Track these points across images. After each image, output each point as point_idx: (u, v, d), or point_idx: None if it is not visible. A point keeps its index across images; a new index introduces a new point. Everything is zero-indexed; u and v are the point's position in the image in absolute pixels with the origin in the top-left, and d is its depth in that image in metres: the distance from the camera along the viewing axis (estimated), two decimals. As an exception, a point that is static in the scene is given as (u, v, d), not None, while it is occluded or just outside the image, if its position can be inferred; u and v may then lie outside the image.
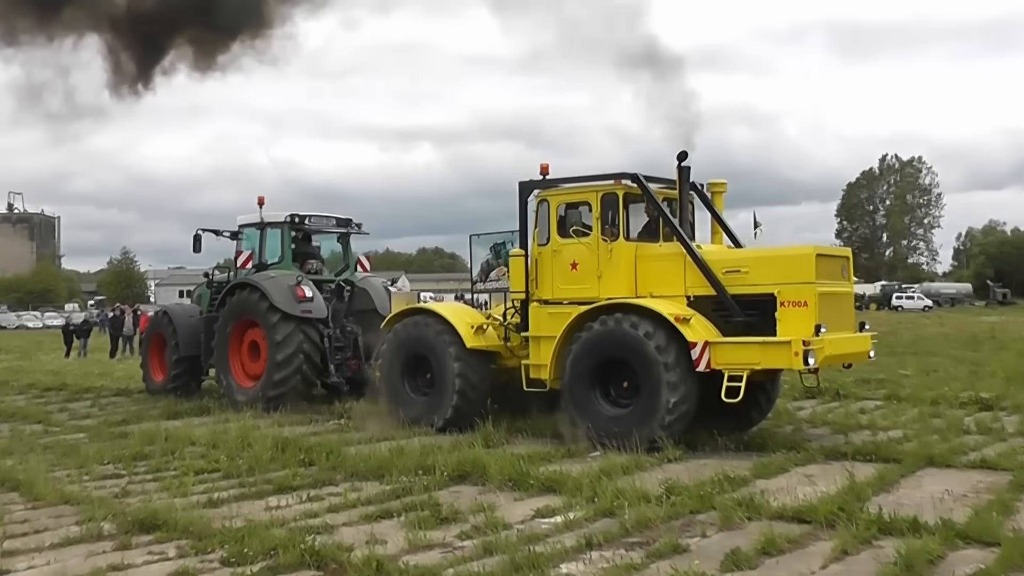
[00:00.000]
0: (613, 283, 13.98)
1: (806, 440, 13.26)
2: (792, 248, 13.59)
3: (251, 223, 20.39)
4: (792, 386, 18.65)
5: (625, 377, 13.38)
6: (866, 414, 15.93)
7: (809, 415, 15.97)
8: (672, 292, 13.72)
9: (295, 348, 18.18)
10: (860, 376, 20.60)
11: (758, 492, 9.86)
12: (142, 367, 22.07)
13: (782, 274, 12.95)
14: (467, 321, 15.52)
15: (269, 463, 12.00)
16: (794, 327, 12.56)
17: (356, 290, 20.05)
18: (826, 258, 13.24)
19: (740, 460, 11.95)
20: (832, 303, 13.00)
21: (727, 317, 13.28)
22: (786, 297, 12.73)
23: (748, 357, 12.69)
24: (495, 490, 10.54)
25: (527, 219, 14.91)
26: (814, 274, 12.75)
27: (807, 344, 12.31)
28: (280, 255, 19.96)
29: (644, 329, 13.05)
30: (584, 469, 11.13)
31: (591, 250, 14.15)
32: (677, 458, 12.17)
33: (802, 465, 11.65)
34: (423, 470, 11.26)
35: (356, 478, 11.22)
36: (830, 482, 10.26)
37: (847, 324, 13.59)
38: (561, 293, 14.47)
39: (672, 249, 13.88)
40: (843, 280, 13.63)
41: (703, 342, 12.85)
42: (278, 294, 18.30)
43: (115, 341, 38.32)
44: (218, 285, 20.65)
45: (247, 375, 19.05)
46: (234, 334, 19.13)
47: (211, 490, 10.57)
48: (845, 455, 12.02)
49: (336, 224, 20.84)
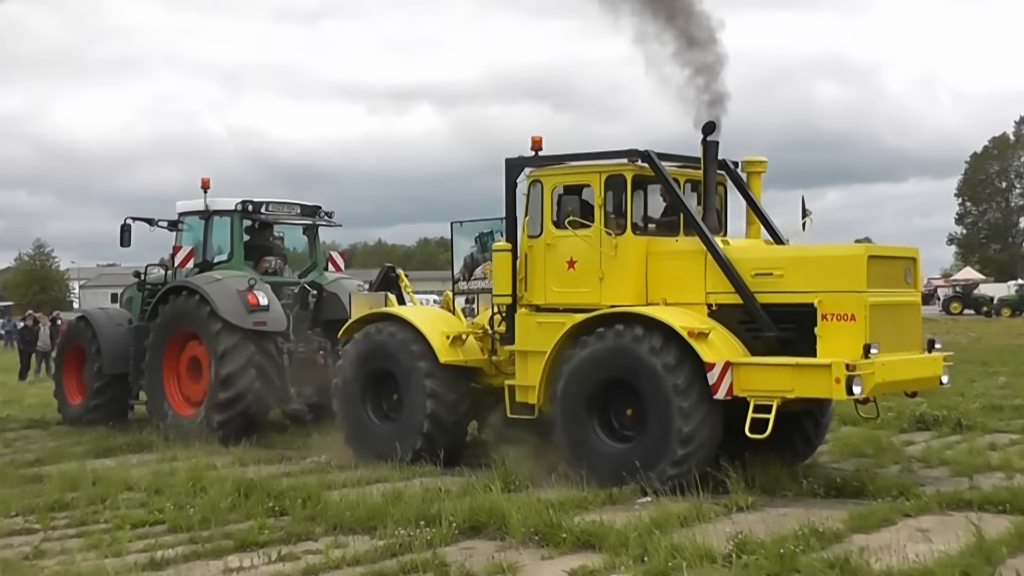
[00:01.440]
0: (618, 286, 14.17)
1: (918, 484, 13.29)
2: (839, 248, 13.76)
3: (193, 211, 20.56)
4: (899, 414, 18.69)
5: (629, 404, 13.57)
6: (998, 451, 15.93)
7: (922, 451, 15.98)
8: (690, 299, 13.92)
9: (244, 362, 18.30)
10: (989, 403, 20.59)
11: (855, 551, 9.89)
12: (55, 389, 22.28)
13: (825, 279, 13.11)
14: (441, 330, 15.77)
15: (229, 512, 12.10)
16: (837, 346, 12.71)
17: (325, 295, 20.20)
18: (882, 260, 13.41)
19: (831, 509, 11.99)
20: (889, 317, 13.14)
21: (757, 332, 13.44)
22: (828, 309, 12.89)
23: (778, 383, 12.83)
24: (517, 546, 10.63)
25: (515, 205, 15.15)
26: (865, 281, 12.89)
27: (852, 368, 12.41)
28: (229, 251, 20.16)
29: (650, 344, 13.22)
30: (630, 519, 11.21)
31: (592, 245, 14.32)
32: (749, 506, 12.24)
33: (913, 516, 11.69)
34: (426, 521, 11.34)
35: (340, 531, 11.33)
36: (950, 538, 10.32)
37: (910, 343, 13.72)
38: (555, 298, 14.67)
39: (690, 245, 14.06)
40: (906, 287, 13.78)
41: (723, 363, 12.98)
42: (223, 301, 18.44)
43: (26, 358, 38.55)
44: (152, 287, 20.79)
45: (186, 400, 19.27)
46: (169, 349, 19.32)
47: (153, 547, 10.70)
48: (970, 504, 12.05)
49: (300, 213, 21.02)
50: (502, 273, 15.07)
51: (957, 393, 22.04)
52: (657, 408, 13.15)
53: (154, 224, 21.31)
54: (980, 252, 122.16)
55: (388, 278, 19.53)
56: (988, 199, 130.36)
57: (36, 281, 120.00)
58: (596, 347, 13.68)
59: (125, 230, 21.09)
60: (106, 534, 11.38)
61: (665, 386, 13.04)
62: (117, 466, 15.82)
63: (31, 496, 13.56)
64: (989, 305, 74.67)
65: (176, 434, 18.37)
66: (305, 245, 21.55)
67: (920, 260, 14.25)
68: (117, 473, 14.91)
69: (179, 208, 20.96)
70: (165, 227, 21.11)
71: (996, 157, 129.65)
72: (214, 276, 19.29)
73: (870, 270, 12.99)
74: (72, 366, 21.91)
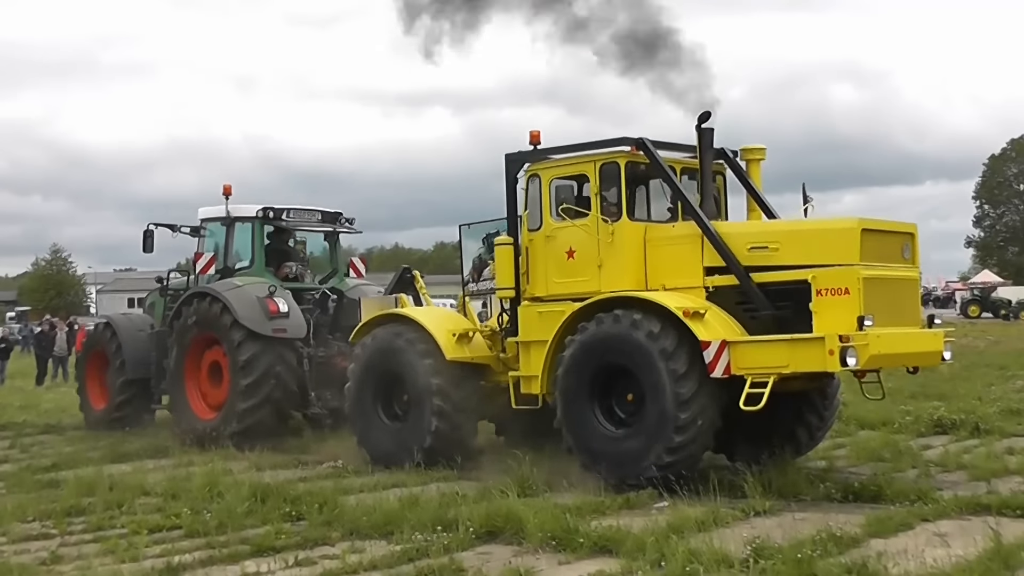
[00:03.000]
0: (616, 273, 14.32)
1: (936, 488, 13.24)
2: (833, 221, 13.86)
3: (215, 217, 20.72)
4: (917, 418, 18.65)
5: (629, 389, 13.69)
6: (1016, 455, 15.86)
7: (939, 456, 15.93)
8: (688, 283, 14.06)
9: (264, 371, 18.43)
10: (1008, 406, 20.52)
11: (873, 556, 9.87)
12: (78, 393, 22.40)
13: (819, 252, 13.27)
14: (448, 328, 15.91)
15: (245, 517, 12.15)
16: (832, 321, 12.79)
17: (345, 301, 20.32)
18: (877, 234, 13.42)
19: (849, 513, 11.96)
20: (885, 291, 13.17)
21: (754, 311, 13.57)
22: (822, 284, 12.97)
23: (774, 359, 12.95)
24: (534, 551, 10.64)
25: (515, 200, 15.30)
26: (858, 254, 12.98)
27: (845, 340, 12.47)
28: (251, 258, 20.29)
29: (647, 328, 13.33)
30: (647, 524, 11.22)
31: (590, 234, 14.50)
32: (767, 510, 12.22)
33: (931, 521, 11.65)
34: (443, 525, 11.37)
35: (357, 536, 11.36)
36: (968, 543, 10.28)
37: (908, 318, 13.74)
38: (556, 288, 14.84)
39: (686, 230, 14.20)
40: (903, 263, 13.79)
41: (719, 342, 13.08)
42: (244, 308, 18.60)
43: (43, 363, 38.73)
44: (174, 292, 20.97)
45: (207, 404, 19.38)
46: (191, 353, 19.47)
47: (169, 552, 10.73)
48: (988, 508, 12.02)
49: (321, 219, 21.15)
50: (504, 267, 15.28)
51: (975, 397, 21.99)
52: (655, 394, 13.28)
53: (176, 230, 21.54)
54: (998, 255, 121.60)
55: (404, 279, 19.58)
56: (1006, 201, 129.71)
57: (52, 286, 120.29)
58: (593, 333, 13.82)
59: (148, 236, 21.31)
60: (123, 539, 11.42)
61: (662, 372, 13.17)
62: (133, 471, 15.89)
63: (48, 501, 13.61)
64: (1007, 308, 74.25)
65: (195, 439, 18.45)
66: (326, 251, 21.64)
67: (918, 236, 14.21)
68: (133, 478, 14.96)
69: (201, 215, 21.13)
70: (187, 233, 21.31)
71: (1014, 159, 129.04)
72: (235, 283, 19.44)
73: (864, 243, 13.07)
74: (95, 371, 22.08)
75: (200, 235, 21.06)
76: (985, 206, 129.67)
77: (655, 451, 13.19)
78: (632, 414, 13.78)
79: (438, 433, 15.50)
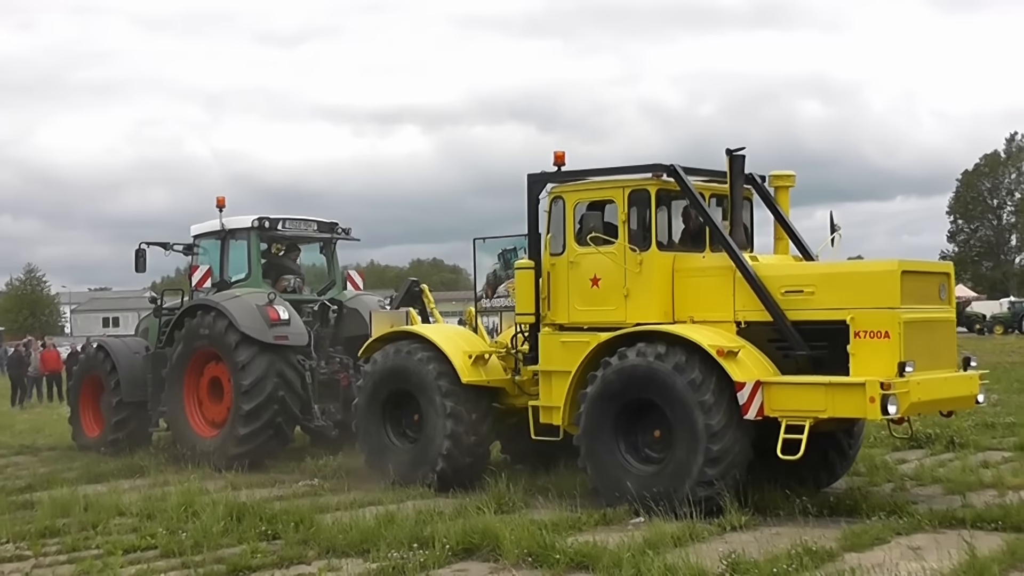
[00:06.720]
0: (643, 304, 14.11)
1: (911, 502, 13.33)
2: (871, 263, 13.68)
3: (209, 232, 20.64)
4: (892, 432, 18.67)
5: (656, 425, 13.53)
6: (990, 469, 15.97)
7: (915, 470, 16.02)
8: (718, 316, 13.86)
9: (268, 396, 18.06)
10: (982, 420, 20.62)
11: (848, 570, 9.93)
12: (70, 421, 22.15)
13: (857, 296, 13.05)
14: (463, 348, 15.68)
15: (221, 537, 12.12)
16: (871, 364, 12.66)
17: (345, 312, 20.24)
18: (916, 275, 13.34)
19: (824, 528, 12.02)
20: (924, 334, 13.08)
21: (787, 350, 13.40)
22: (861, 326, 12.83)
23: (810, 402, 12.77)
24: (510, 568, 10.64)
25: (537, 222, 15.12)
26: (899, 297, 12.84)
27: (887, 387, 12.37)
28: (247, 270, 20.15)
29: (674, 361, 13.15)
30: (624, 540, 11.21)
31: (616, 262, 14.28)
32: (743, 525, 12.25)
33: (906, 534, 11.74)
34: (419, 543, 11.36)
35: (334, 554, 11.34)
36: (943, 556, 10.33)
37: (945, 360, 13.67)
38: (579, 316, 14.62)
39: (718, 261, 14.01)
40: (940, 304, 13.71)
41: (753, 382, 12.94)
42: (244, 316, 18.40)
43: (17, 384, 38.56)
44: (168, 312, 20.76)
45: (207, 421, 19.22)
46: (191, 370, 19.29)
47: (145, 573, 10.73)
48: (963, 522, 12.10)
49: (318, 229, 21.02)
50: (525, 292, 14.99)
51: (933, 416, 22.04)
52: (684, 428, 13.03)
53: (169, 248, 21.43)
54: (972, 270, 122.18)
55: (412, 293, 19.44)
56: (980, 216, 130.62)
57: (26, 306, 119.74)
58: (618, 368, 13.57)
59: (140, 255, 21.16)
60: (98, 560, 11.37)
61: (691, 405, 12.93)
62: (108, 491, 15.76)
63: (22, 522, 13.55)
64: (982, 323, 74.54)
65: (198, 457, 18.32)
66: (323, 262, 21.56)
67: (953, 276, 14.22)
68: (108, 498, 14.86)
69: (193, 231, 21.05)
70: (180, 251, 21.19)
71: (987, 175, 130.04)
72: (233, 293, 19.32)
73: (904, 286, 12.91)
74: (89, 397, 21.74)
75: (194, 252, 20.95)
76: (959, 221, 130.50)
77: (684, 487, 12.92)
78: (660, 451, 13.52)
79: (450, 456, 15.29)
